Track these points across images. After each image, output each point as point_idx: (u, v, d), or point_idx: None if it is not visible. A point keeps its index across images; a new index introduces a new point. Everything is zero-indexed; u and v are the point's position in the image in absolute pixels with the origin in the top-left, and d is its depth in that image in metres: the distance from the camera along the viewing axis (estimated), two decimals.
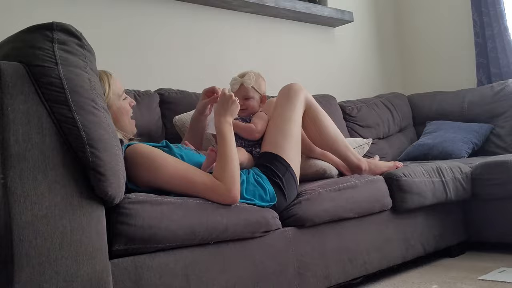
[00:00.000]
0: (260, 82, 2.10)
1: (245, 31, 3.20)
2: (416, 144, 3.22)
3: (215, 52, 3.01)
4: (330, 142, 2.08)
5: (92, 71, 1.22)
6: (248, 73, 2.07)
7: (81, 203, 1.16)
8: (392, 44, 4.26)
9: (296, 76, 3.41)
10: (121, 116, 1.67)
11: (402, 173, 2.13)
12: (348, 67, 3.88)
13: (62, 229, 1.11)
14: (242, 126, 1.97)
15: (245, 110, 2.06)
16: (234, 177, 1.51)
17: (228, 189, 1.49)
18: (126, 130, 1.70)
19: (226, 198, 1.49)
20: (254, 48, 3.24)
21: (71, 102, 1.13)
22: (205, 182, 1.48)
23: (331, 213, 1.83)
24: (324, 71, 3.69)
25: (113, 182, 1.18)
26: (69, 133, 1.14)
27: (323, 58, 3.70)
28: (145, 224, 1.28)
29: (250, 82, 2.03)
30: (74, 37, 1.20)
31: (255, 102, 2.07)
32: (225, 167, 1.52)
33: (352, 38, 3.95)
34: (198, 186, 1.47)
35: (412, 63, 4.24)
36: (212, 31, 3.01)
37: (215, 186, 1.48)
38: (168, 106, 2.40)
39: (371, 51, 4.08)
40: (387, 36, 4.23)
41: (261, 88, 2.10)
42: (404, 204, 2.12)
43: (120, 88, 1.69)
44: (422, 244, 2.23)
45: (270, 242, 1.64)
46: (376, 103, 3.51)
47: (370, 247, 1.99)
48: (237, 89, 2.06)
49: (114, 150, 1.20)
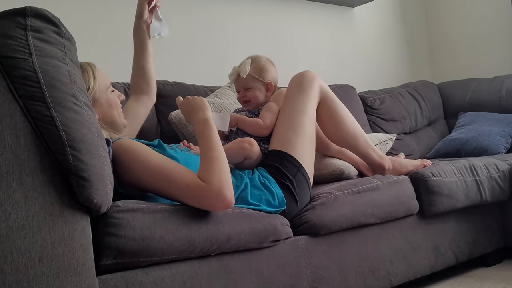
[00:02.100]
0: (262, 67, 2.04)
1: (252, 13, 3.18)
2: (447, 139, 3.20)
3: (218, 37, 2.99)
4: (348, 138, 2.07)
5: (72, 62, 1.20)
6: (246, 60, 2.04)
7: (62, 212, 1.14)
8: (420, 25, 4.22)
9: (309, 63, 3.39)
10: (111, 110, 1.65)
11: (431, 172, 2.12)
12: (369, 52, 3.85)
13: (41, 242, 1.10)
14: (248, 122, 1.94)
15: (248, 102, 2.04)
16: (222, 177, 1.41)
17: (217, 190, 1.38)
18: (116, 124, 1.68)
19: (215, 201, 1.38)
20: (262, 32, 3.22)
21: (48, 98, 1.11)
22: (188, 183, 1.39)
23: (350, 219, 1.82)
24: (342, 57, 3.67)
25: (99, 188, 1.16)
26: (46, 134, 1.11)
27: (341, 42, 3.68)
28: (137, 235, 1.27)
29: (245, 70, 1.99)
30: (50, 23, 1.18)
31: (258, 92, 2.03)
32: (209, 167, 1.43)
33: (373, 19, 3.92)
34: (180, 188, 1.40)
35: (442, 47, 4.20)
36: (214, 13, 2.99)
37: (201, 187, 1.38)
38: (163, 101, 2.39)
39: (395, 34, 4.05)
40: (413, 16, 4.19)
41: (264, 75, 2.03)
42: (432, 207, 2.10)
43: (107, 80, 1.67)
44: (453, 252, 2.21)
45: (280, 252, 1.62)
46: (401, 93, 3.50)
47: (395, 256, 1.97)
48: (235, 79, 2.04)
49: (99, 152, 1.18)
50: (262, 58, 2.08)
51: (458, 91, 3.62)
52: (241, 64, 2.02)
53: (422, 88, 3.62)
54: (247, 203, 1.59)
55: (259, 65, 2.04)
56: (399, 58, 4.06)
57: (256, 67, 2.03)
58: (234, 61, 2.19)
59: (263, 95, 2.05)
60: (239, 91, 2.05)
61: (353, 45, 3.76)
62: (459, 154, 3.04)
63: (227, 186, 1.40)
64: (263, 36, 3.21)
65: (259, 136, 1.94)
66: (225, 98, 2.36)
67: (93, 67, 1.63)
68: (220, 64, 2.92)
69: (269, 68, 2.06)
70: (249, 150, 1.79)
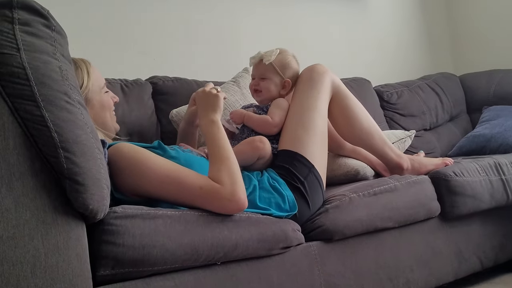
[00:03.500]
0: (287, 63, 2.05)
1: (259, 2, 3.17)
2: (470, 135, 3.18)
3: (221, 28, 2.98)
4: (363, 135, 2.07)
5: (64, 57, 1.20)
6: (274, 49, 2.04)
7: (56, 220, 1.13)
8: (440, 11, 4.20)
9: (319, 56, 3.37)
10: (103, 112, 1.67)
11: (453, 172, 2.12)
12: (385, 43, 3.84)
13: (33, 252, 1.09)
14: (256, 119, 1.93)
15: (259, 93, 2.04)
16: (235, 178, 1.47)
17: (231, 191, 1.43)
18: (107, 127, 1.69)
19: (229, 203, 1.43)
20: (269, 22, 3.21)
21: (39, 97, 1.10)
22: (201, 185, 1.43)
23: (366, 223, 1.81)
24: (355, 48, 3.66)
25: (95, 193, 1.16)
26: (37, 135, 1.11)
27: (354, 31, 3.67)
28: (136, 243, 1.27)
29: (269, 58, 2.00)
30: (39, 16, 1.18)
31: (273, 85, 2.03)
32: (220, 167, 1.48)
33: (389, 5, 3.91)
34: (193, 191, 1.43)
35: (465, 35, 4.17)
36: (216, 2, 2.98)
37: (215, 189, 1.43)
38: (164, 98, 2.40)
39: (413, 21, 4.03)
40: (433, 3, 4.17)
41: (286, 71, 2.04)
42: (455, 209, 2.10)
43: (101, 79, 1.69)
44: (478, 257, 2.21)
45: (291, 260, 1.62)
46: (420, 86, 3.49)
47: (414, 262, 1.97)
48: (255, 64, 2.05)
49: (95, 154, 1.18)
50: (289, 54, 2.09)
51: (482, 83, 3.60)
52: (268, 51, 2.03)
53: (443, 81, 3.60)
54: (256, 207, 1.59)
55: (284, 60, 2.05)
56: (418, 48, 4.05)
57: (281, 60, 2.04)
58: (239, 53, 2.20)
59: (277, 91, 2.04)
60: (254, 77, 2.05)
61: (368, 34, 3.74)
62: (483, 152, 3.02)
63: (240, 187, 1.46)
64: (270, 26, 3.20)
65: (267, 135, 1.93)
66: (229, 94, 2.35)
67: (87, 64, 1.63)
68: (224, 57, 2.91)
69: (293, 66, 2.07)
70: (262, 149, 1.79)
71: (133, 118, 2.17)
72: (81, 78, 1.58)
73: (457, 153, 3.14)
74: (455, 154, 3.13)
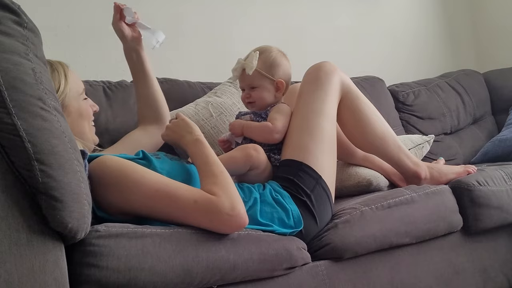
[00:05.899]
0: (273, 62, 2.02)
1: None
2: (496, 139, 3.19)
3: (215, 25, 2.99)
4: (376, 141, 2.07)
5: (37, 58, 1.20)
6: (252, 52, 2.01)
7: (30, 241, 1.12)
8: (462, 3, 4.21)
9: (327, 52, 3.38)
10: (81, 121, 1.67)
11: (476, 181, 2.12)
12: (399, 38, 3.86)
13: (6, 277, 1.08)
14: (255, 127, 1.92)
15: (253, 103, 2.02)
16: (232, 192, 1.45)
17: (230, 204, 1.40)
18: (85, 137, 1.69)
19: (229, 218, 1.40)
20: (269, 16, 3.23)
21: (9, 103, 1.09)
22: (195, 198, 1.41)
23: (379, 239, 1.81)
24: (367, 43, 3.68)
25: (74, 210, 1.15)
26: (8, 145, 1.10)
27: (365, 25, 3.69)
28: (122, 266, 1.26)
29: (251, 66, 1.96)
30: (9, 11, 1.17)
31: (265, 92, 2.01)
32: (216, 181, 1.47)
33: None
34: (186, 206, 1.40)
35: (489, 30, 4.18)
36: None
37: (212, 202, 1.40)
38: None
39: (431, 14, 4.05)
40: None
41: (274, 71, 2.01)
42: (479, 222, 2.10)
43: (80, 85, 1.69)
44: (505, 275, 2.21)
45: (297, 281, 1.62)
46: (440, 85, 3.51)
47: (435, 282, 1.97)
48: (239, 76, 2.03)
49: (73, 166, 1.17)
50: (272, 50, 2.05)
51: (508, 82, 3.62)
52: (247, 57, 2.00)
53: (465, 79, 3.62)
54: (257, 223, 1.59)
55: (268, 59, 2.01)
56: (437, 42, 4.06)
57: (265, 61, 2.00)
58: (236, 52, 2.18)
59: (272, 96, 2.02)
60: (244, 89, 2.03)
61: (380, 29, 3.76)
62: (510, 158, 3.03)
63: (240, 202, 1.44)
64: (270, 20, 3.22)
65: (268, 144, 1.92)
66: (226, 97, 2.35)
67: (65, 67, 1.64)
68: (219, 56, 2.93)
69: (281, 62, 2.03)
70: (255, 158, 1.78)
71: (117, 124, 2.18)
72: (57, 81, 1.58)
73: (481, 159, 3.15)
74: (479, 160, 3.14)
